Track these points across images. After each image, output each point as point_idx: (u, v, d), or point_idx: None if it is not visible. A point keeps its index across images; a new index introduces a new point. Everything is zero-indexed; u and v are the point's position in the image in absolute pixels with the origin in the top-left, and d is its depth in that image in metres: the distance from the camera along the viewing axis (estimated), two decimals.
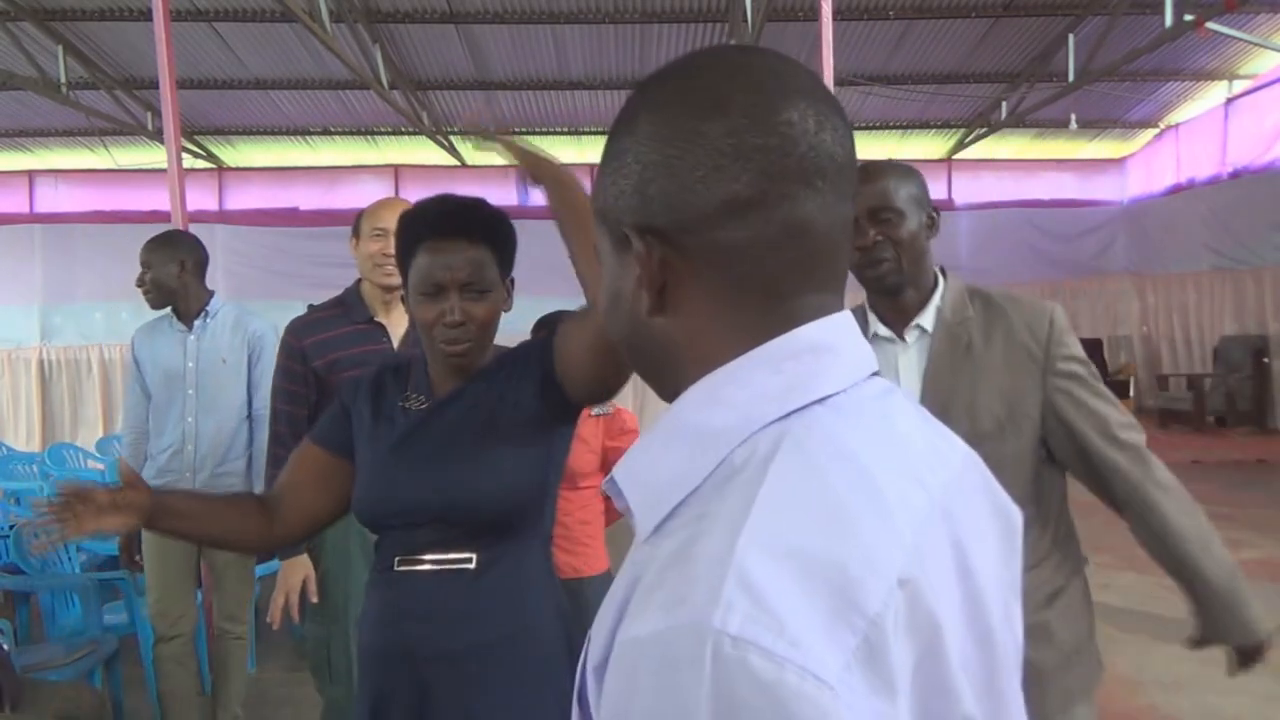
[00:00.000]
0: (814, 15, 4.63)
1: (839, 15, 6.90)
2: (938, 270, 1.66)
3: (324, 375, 2.41)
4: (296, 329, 2.47)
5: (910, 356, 1.62)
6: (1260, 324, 10.43)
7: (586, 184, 1.52)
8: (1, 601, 4.25)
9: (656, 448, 0.60)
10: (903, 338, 1.62)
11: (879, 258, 1.57)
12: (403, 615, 1.45)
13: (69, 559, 3.83)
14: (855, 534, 0.50)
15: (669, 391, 0.64)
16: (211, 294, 3.22)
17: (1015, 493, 1.25)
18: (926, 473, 0.59)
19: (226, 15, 8.25)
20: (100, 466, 7.01)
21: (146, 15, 6.09)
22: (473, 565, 1.44)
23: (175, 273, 3.09)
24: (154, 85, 5.56)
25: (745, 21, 7.89)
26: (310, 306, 2.56)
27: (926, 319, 1.61)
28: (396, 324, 2.52)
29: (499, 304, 1.53)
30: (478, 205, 1.52)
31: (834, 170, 0.59)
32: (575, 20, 8.62)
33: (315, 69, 9.39)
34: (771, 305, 0.60)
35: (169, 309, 3.17)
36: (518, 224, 1.58)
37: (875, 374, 0.63)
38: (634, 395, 8.43)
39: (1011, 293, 1.63)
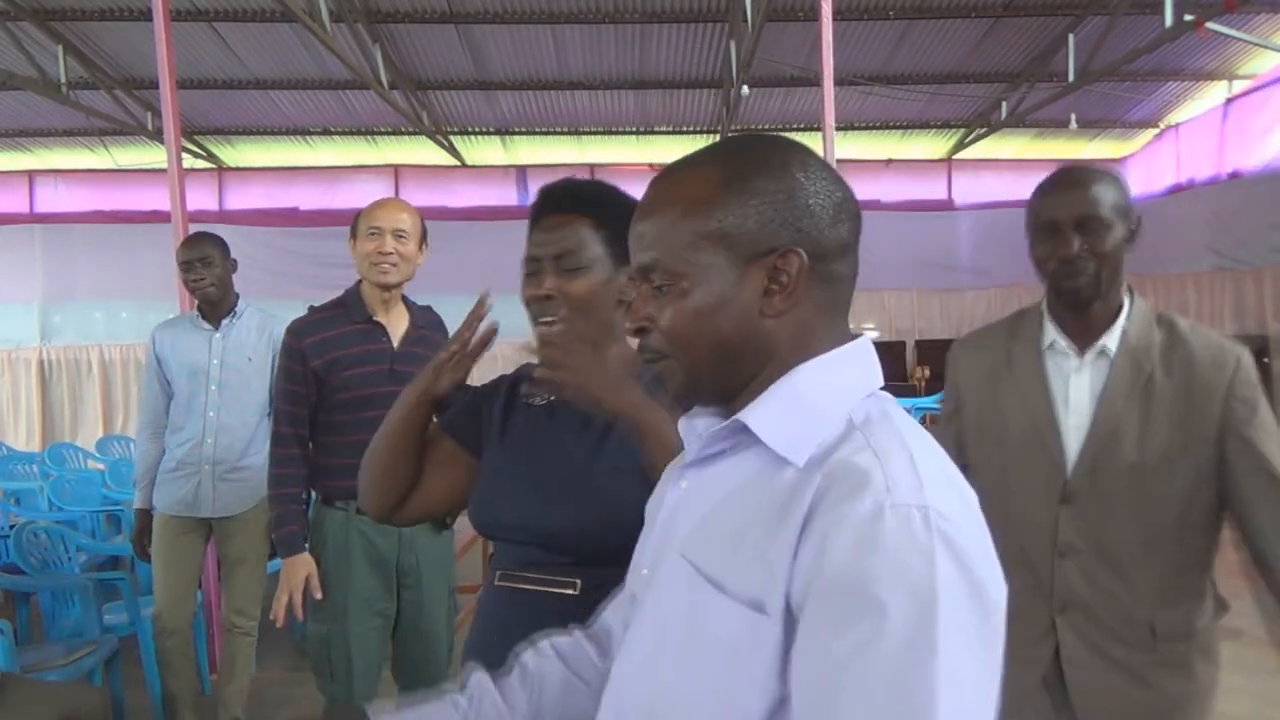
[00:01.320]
0: (814, 15, 4.64)
1: (839, 15, 6.90)
2: (1127, 286, 1.59)
3: (324, 375, 2.42)
4: (296, 329, 2.48)
5: (1085, 375, 1.57)
6: (1260, 324, 10.43)
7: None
8: (1, 601, 4.26)
9: (785, 408, 0.81)
10: (1081, 354, 1.57)
11: (1081, 269, 1.52)
12: (499, 628, 1.32)
13: (69, 559, 3.83)
14: (950, 466, 0.78)
15: (734, 384, 0.85)
16: (238, 295, 3.37)
17: (1165, 525, 1.49)
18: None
19: (226, 15, 8.25)
20: (101, 466, 7.01)
21: (146, 15, 6.09)
22: (575, 592, 1.30)
23: (228, 271, 3.30)
24: (154, 85, 5.56)
25: (745, 22, 7.89)
26: (311, 307, 2.57)
27: (1111, 340, 1.55)
28: (396, 323, 2.53)
29: (600, 284, 1.37)
30: (582, 184, 1.43)
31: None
32: (575, 20, 8.62)
33: (315, 69, 9.39)
34: (840, 318, 0.87)
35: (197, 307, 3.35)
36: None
37: None
38: None
39: (1198, 325, 1.58)
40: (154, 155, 10.68)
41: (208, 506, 3.28)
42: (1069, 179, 1.56)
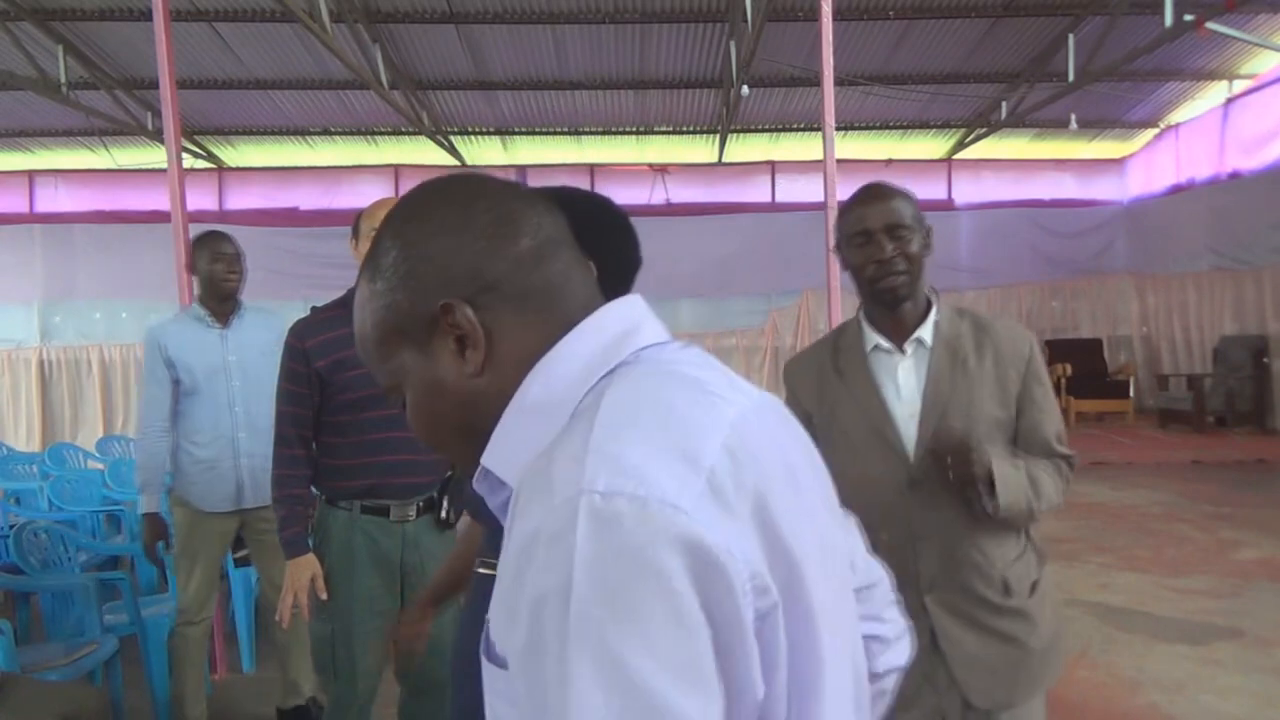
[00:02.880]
0: (814, 15, 4.63)
1: (839, 15, 6.90)
2: (931, 288, 1.80)
3: (327, 376, 2.41)
4: (299, 331, 2.47)
5: (908, 366, 1.75)
6: (1260, 324, 10.43)
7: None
8: (1, 601, 4.26)
9: (514, 432, 0.71)
10: (901, 349, 1.75)
11: (896, 270, 1.69)
12: (478, 614, 1.31)
13: (69, 559, 3.83)
14: (686, 412, 0.63)
15: (481, 448, 0.73)
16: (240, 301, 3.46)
17: None
18: (740, 391, 0.71)
19: (226, 15, 8.26)
20: (101, 466, 7.01)
21: (146, 15, 6.09)
22: None
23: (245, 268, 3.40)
24: (154, 85, 5.56)
25: (745, 21, 7.89)
26: (313, 307, 2.56)
27: (925, 333, 1.75)
28: None
29: None
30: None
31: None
32: (575, 20, 8.62)
33: (315, 69, 9.40)
34: (551, 314, 0.73)
35: (194, 306, 3.40)
36: None
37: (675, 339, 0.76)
38: None
39: (987, 315, 1.83)
40: (154, 155, 10.68)
41: (250, 498, 3.35)
42: (874, 193, 1.74)
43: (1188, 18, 7.41)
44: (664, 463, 0.58)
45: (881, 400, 1.74)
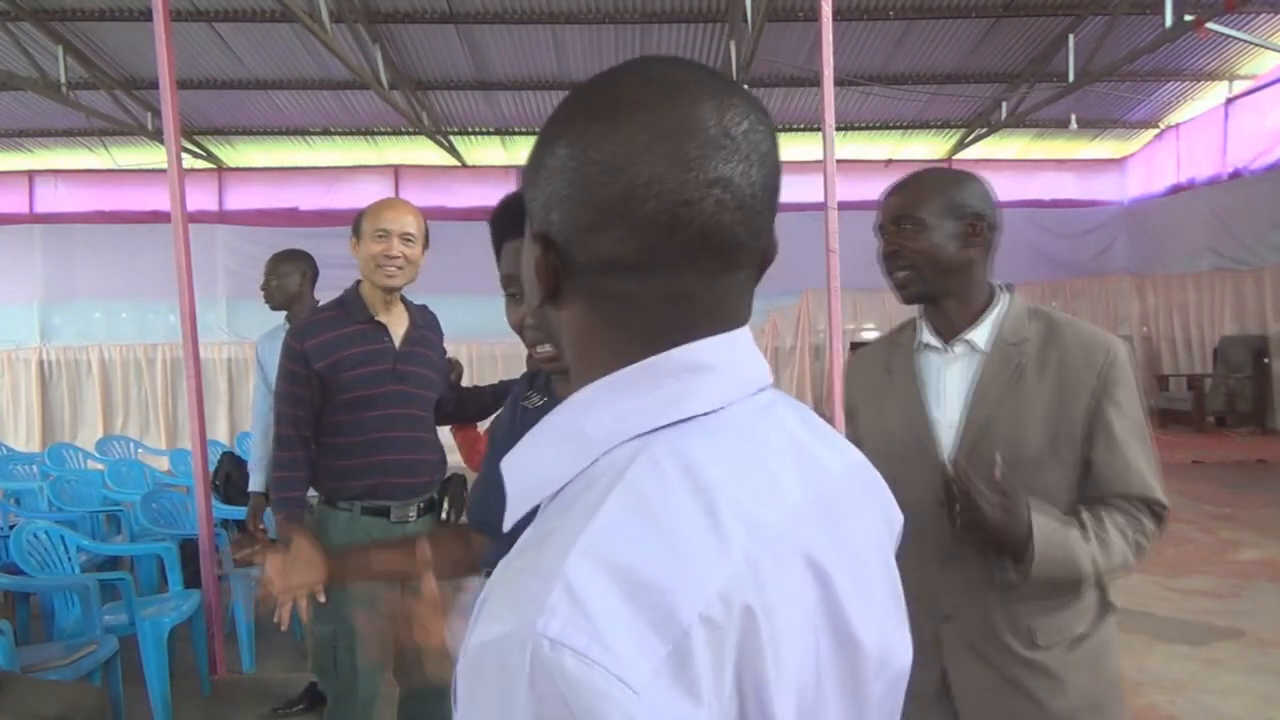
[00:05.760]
0: (814, 15, 4.63)
1: (839, 15, 6.90)
2: (998, 286, 1.61)
3: (327, 376, 2.41)
4: (298, 332, 2.47)
5: (956, 370, 1.57)
6: (1260, 324, 10.43)
7: None
8: (1, 601, 4.26)
9: (539, 446, 0.64)
10: (950, 348, 1.58)
11: (894, 267, 1.57)
12: None
13: (69, 559, 3.83)
14: (681, 551, 0.52)
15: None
16: (318, 302, 3.59)
17: None
18: (790, 489, 0.61)
19: (226, 15, 8.25)
20: (100, 467, 7.01)
21: (146, 15, 6.08)
22: None
23: (297, 281, 3.65)
24: (154, 85, 5.56)
25: (745, 21, 7.89)
26: (311, 308, 2.56)
27: (980, 335, 1.56)
28: (397, 323, 2.53)
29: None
30: (513, 199, 1.40)
31: (727, 249, 0.60)
32: (575, 20, 8.62)
33: (315, 69, 9.39)
34: (647, 344, 0.61)
35: (284, 316, 3.68)
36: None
37: (764, 389, 0.65)
38: None
39: (1077, 320, 1.56)
40: (154, 155, 10.68)
41: None
42: (899, 183, 1.61)
43: (1188, 18, 7.41)
44: (629, 619, 0.49)
45: (922, 403, 1.57)
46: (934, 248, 1.54)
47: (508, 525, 0.62)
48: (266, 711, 3.61)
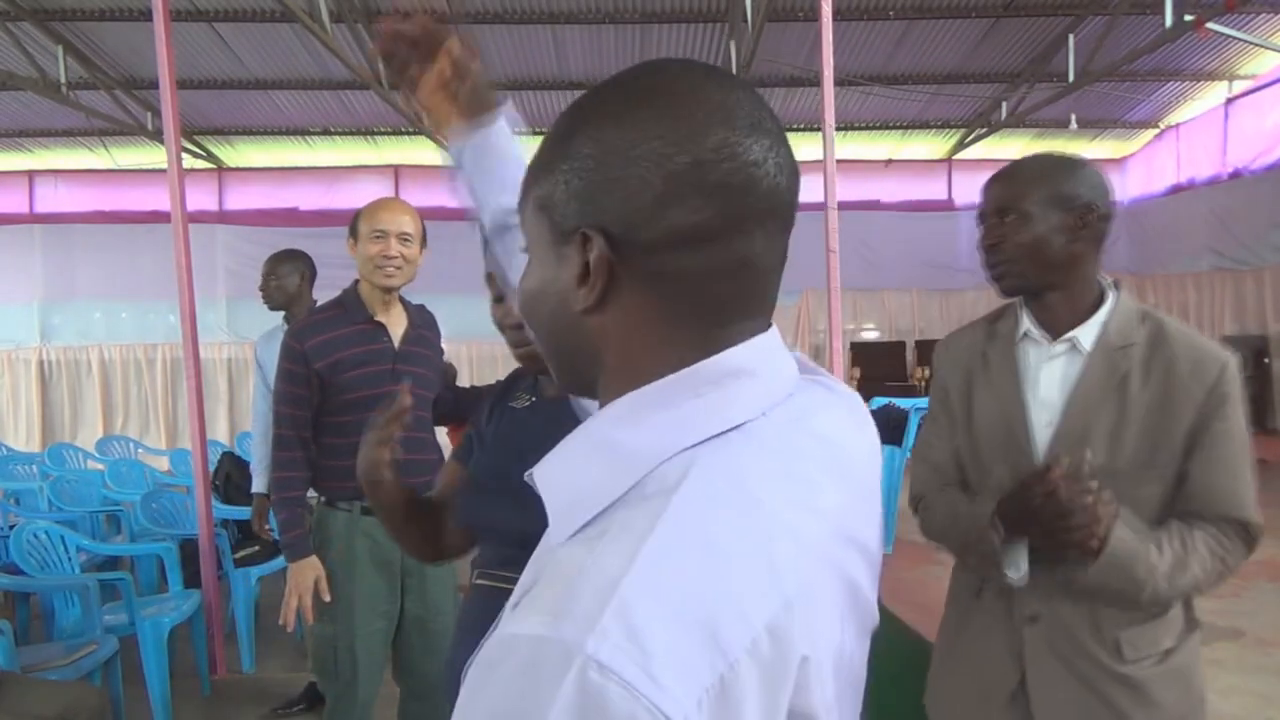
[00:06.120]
0: (814, 15, 4.63)
1: (839, 15, 6.90)
2: (1108, 283, 1.52)
3: (326, 377, 2.41)
4: (297, 332, 2.47)
5: (1055, 367, 1.49)
6: (1260, 324, 10.43)
7: None
8: (1, 601, 4.26)
9: (578, 457, 0.62)
10: (1052, 345, 1.50)
11: (992, 260, 1.51)
12: (478, 626, 1.30)
13: (69, 559, 3.83)
14: (734, 580, 0.52)
15: (581, 386, 0.67)
16: (316, 302, 3.60)
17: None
18: (828, 496, 0.62)
19: (226, 15, 8.25)
20: (100, 467, 7.01)
21: (146, 15, 6.08)
22: None
23: (296, 281, 3.68)
24: (154, 85, 5.56)
25: (745, 21, 7.89)
26: (309, 309, 2.56)
27: (1085, 335, 1.47)
28: (396, 323, 2.53)
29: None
30: None
31: (784, 210, 0.63)
32: (575, 20, 8.62)
33: (315, 69, 9.39)
34: (705, 329, 0.62)
35: (281, 316, 3.71)
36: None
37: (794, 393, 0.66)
38: None
39: (1187, 328, 1.47)
40: (154, 155, 10.68)
41: None
42: (1003, 170, 1.54)
43: (1188, 18, 7.42)
44: (678, 649, 0.49)
45: (1020, 395, 1.49)
46: (1038, 241, 1.45)
47: (557, 540, 0.60)
48: (266, 711, 3.62)
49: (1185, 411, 1.39)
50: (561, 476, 0.62)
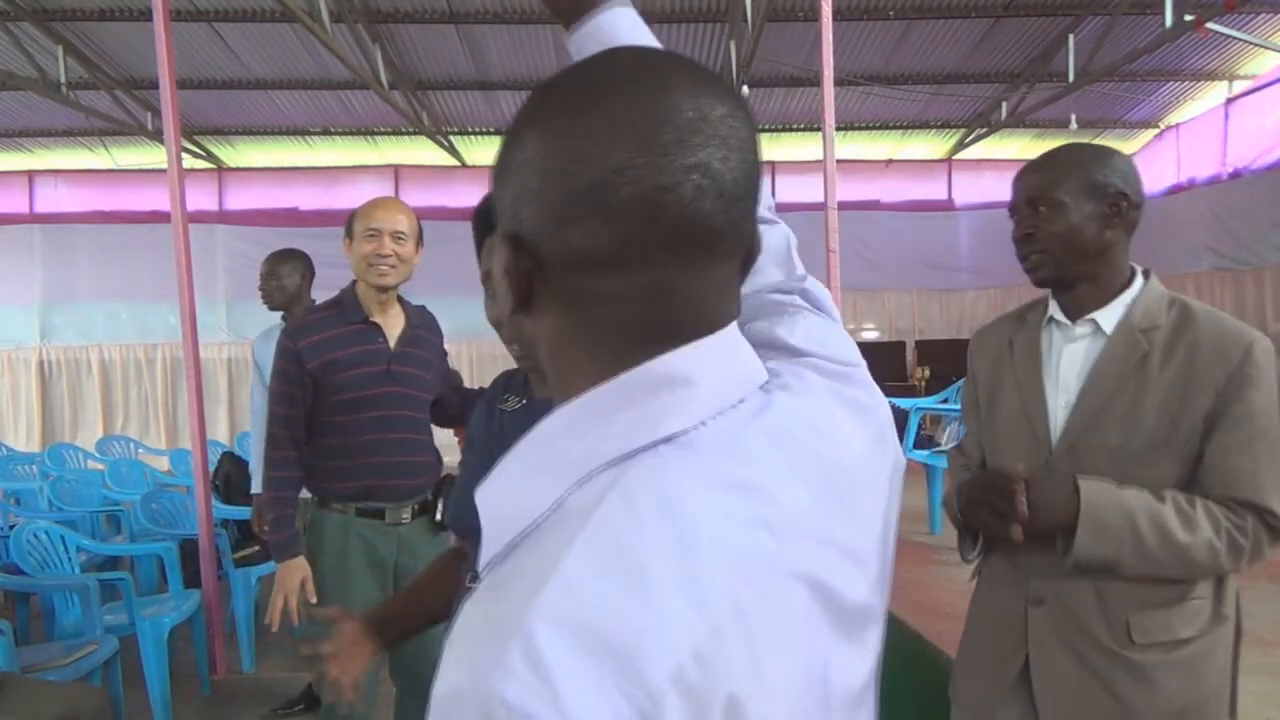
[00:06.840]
0: (814, 15, 4.63)
1: (839, 15, 6.90)
2: (1139, 270, 1.53)
3: (320, 377, 2.41)
4: (292, 331, 2.47)
5: (1077, 349, 1.50)
6: (1260, 324, 10.42)
7: None
8: (1, 601, 4.26)
9: (508, 475, 0.59)
10: (1074, 326, 1.51)
11: (1026, 252, 1.51)
12: None
13: (69, 559, 3.83)
14: (652, 606, 0.48)
15: (550, 389, 0.63)
16: (314, 302, 3.57)
17: None
18: (786, 501, 0.57)
19: (226, 15, 8.25)
20: (101, 466, 7.01)
21: (146, 15, 6.08)
22: None
23: (296, 281, 3.68)
24: (154, 85, 5.56)
25: (745, 21, 7.88)
26: (307, 308, 2.57)
27: (1107, 317, 1.48)
28: (392, 324, 2.52)
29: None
30: (487, 199, 1.48)
31: (706, 236, 0.56)
32: None
33: (315, 69, 9.39)
34: (629, 349, 0.57)
35: (280, 316, 3.70)
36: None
37: (749, 394, 0.60)
38: None
39: (1216, 311, 1.46)
40: (154, 155, 10.68)
41: None
42: (1035, 161, 1.54)
43: (1188, 18, 7.41)
44: (592, 682, 0.46)
45: (1038, 378, 1.50)
46: (1072, 231, 1.45)
47: (482, 566, 0.57)
48: (266, 711, 3.62)
49: (1204, 393, 1.37)
50: (495, 495, 0.59)
